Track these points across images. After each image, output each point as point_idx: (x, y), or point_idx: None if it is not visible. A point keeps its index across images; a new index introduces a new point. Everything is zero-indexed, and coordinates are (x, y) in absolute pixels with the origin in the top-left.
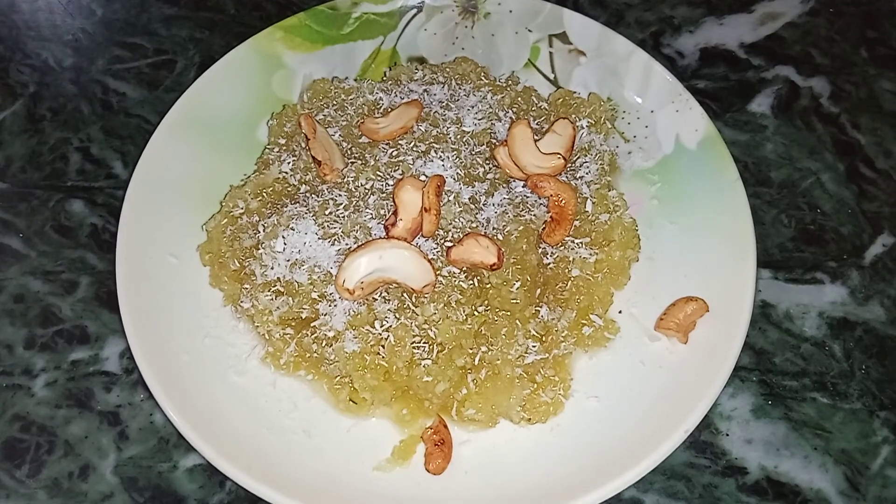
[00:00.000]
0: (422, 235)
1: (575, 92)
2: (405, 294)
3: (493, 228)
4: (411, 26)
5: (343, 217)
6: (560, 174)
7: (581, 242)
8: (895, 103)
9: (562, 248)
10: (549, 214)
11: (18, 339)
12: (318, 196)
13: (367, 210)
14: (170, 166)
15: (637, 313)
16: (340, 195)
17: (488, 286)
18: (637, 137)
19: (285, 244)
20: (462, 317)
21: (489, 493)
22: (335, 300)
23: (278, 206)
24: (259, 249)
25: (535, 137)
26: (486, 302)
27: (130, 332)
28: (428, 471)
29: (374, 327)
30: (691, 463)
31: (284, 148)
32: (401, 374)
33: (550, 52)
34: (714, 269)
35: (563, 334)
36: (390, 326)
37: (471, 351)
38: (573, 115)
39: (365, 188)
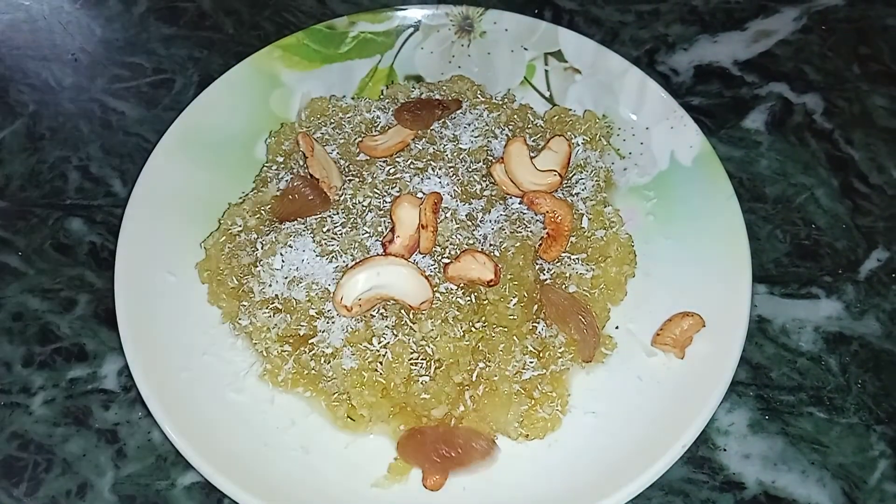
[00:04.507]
0: (419, 252)
1: (570, 109)
2: (403, 311)
3: (490, 245)
4: (408, 45)
5: (340, 234)
6: (556, 191)
7: (577, 258)
8: (888, 119)
9: (558, 264)
10: (546, 231)
11: (17, 356)
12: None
13: (365, 227)
14: (168, 184)
15: (634, 329)
16: (338, 213)
17: (485, 302)
18: (632, 154)
19: (283, 261)
20: (459, 333)
21: None
22: (333, 317)
23: (276, 224)
24: (257, 267)
25: (532, 154)
26: (483, 318)
27: (129, 350)
28: (425, 487)
29: (371, 344)
30: (689, 478)
31: (282, 166)
32: (398, 391)
33: (546, 70)
34: (710, 284)
35: (560, 350)
36: (388, 343)
37: (468, 367)
38: (569, 133)
39: (362, 205)
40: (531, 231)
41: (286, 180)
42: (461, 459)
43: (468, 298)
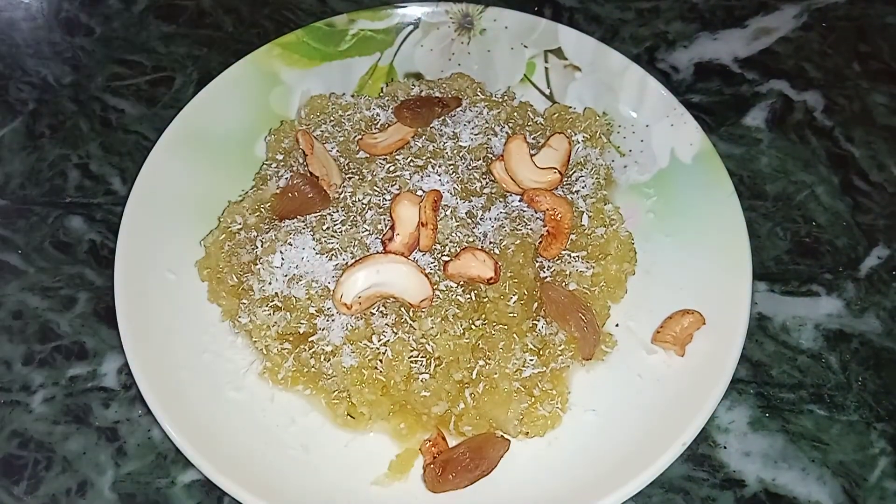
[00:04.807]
0: (419, 250)
1: (570, 107)
2: (403, 309)
3: (490, 243)
4: (408, 43)
5: (340, 232)
6: (556, 188)
7: (577, 256)
8: (888, 116)
9: (558, 261)
10: (546, 228)
11: (17, 355)
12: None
13: (365, 225)
14: (168, 182)
15: (634, 326)
16: (337, 210)
17: (485, 300)
18: (632, 151)
19: (283, 259)
20: (459, 331)
21: None
22: (333, 315)
23: (276, 222)
24: (257, 265)
25: (532, 152)
26: (483, 316)
27: (129, 348)
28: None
29: (371, 342)
30: (689, 476)
31: (282, 164)
32: (398, 389)
33: (546, 68)
34: (710, 281)
35: (560, 348)
36: (388, 341)
37: (468, 365)
38: (569, 130)
39: (362, 203)
40: (531, 229)
41: (286, 178)
42: (489, 469)
43: (468, 296)
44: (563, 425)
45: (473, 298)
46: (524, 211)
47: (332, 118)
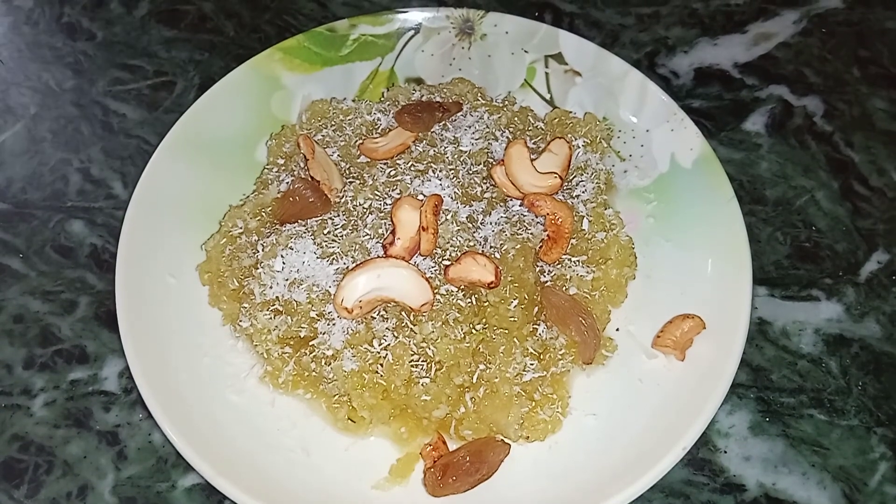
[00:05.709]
0: (420, 254)
1: (571, 112)
2: (403, 313)
3: (491, 247)
4: (409, 47)
5: (341, 236)
6: (556, 193)
7: (578, 260)
8: (888, 121)
9: (559, 266)
10: (546, 233)
11: (17, 358)
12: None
13: (366, 229)
14: (169, 187)
15: (634, 331)
16: (338, 215)
17: (486, 304)
18: (633, 156)
19: (284, 263)
20: (460, 335)
21: None
22: (333, 319)
23: (277, 226)
24: (258, 269)
25: (532, 157)
26: (483, 320)
27: (129, 352)
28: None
29: (372, 346)
30: (689, 480)
31: (283, 168)
32: (399, 393)
33: (546, 73)
34: (710, 286)
35: (560, 352)
36: (388, 345)
37: (469, 369)
38: (569, 135)
39: (363, 207)
40: (532, 233)
41: (287, 182)
42: (489, 473)
43: (469, 300)
44: (563, 429)
45: (474, 302)
46: (525, 215)
47: (333, 123)
